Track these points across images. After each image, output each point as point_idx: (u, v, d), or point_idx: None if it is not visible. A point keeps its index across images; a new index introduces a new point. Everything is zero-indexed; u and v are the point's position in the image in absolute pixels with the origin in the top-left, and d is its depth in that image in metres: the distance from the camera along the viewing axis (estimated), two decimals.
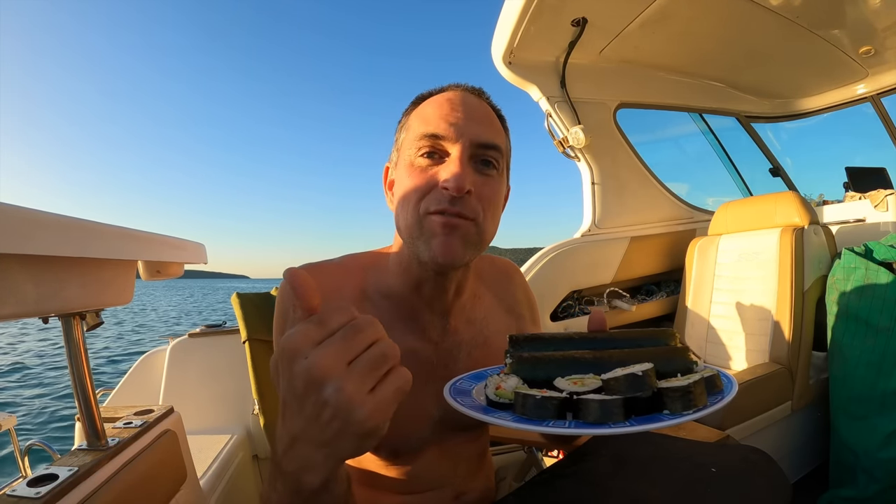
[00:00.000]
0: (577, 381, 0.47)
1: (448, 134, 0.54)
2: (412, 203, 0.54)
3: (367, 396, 0.32)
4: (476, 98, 0.59)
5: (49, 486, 0.50)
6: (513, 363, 0.51)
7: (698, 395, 0.41)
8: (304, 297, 0.35)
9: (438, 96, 0.59)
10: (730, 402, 0.42)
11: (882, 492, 1.32)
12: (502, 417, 0.43)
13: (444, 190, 0.52)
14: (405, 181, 0.56)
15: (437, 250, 0.53)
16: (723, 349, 1.73)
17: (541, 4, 1.55)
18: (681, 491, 0.57)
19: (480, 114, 0.57)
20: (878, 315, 1.36)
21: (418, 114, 0.58)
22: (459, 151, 0.53)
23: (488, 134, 0.56)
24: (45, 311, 0.49)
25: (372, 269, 0.64)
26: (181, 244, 0.72)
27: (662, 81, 2.22)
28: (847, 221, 2.18)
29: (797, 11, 1.75)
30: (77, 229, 0.46)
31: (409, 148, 0.57)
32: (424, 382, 0.61)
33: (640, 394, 0.42)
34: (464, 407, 0.46)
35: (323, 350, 0.32)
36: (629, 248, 2.02)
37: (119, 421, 0.71)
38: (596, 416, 0.41)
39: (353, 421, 0.31)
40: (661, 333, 0.55)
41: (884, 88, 2.37)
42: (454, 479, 0.69)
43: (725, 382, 0.47)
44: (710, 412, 0.41)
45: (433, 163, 0.55)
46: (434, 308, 0.63)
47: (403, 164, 0.58)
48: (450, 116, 0.55)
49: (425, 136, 0.55)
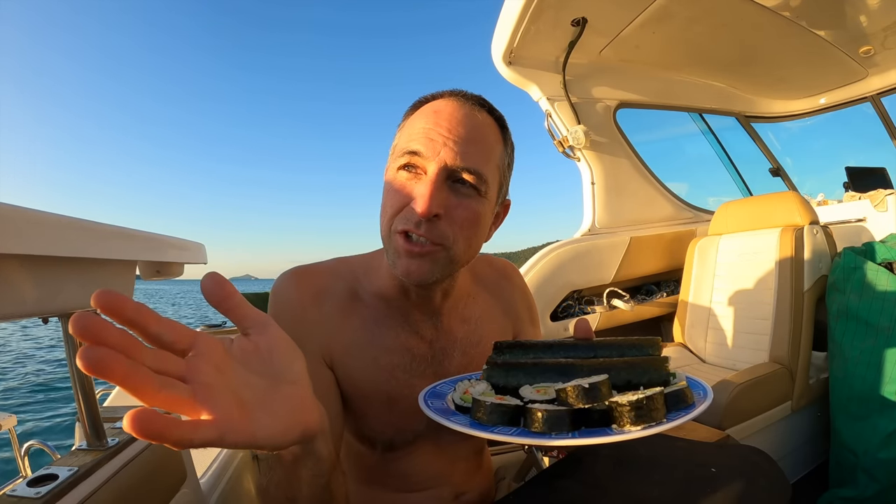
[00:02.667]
0: (541, 391, 0.47)
1: (426, 151, 0.52)
2: (386, 217, 0.55)
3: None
4: (468, 110, 0.55)
5: (49, 487, 0.50)
6: (486, 369, 0.53)
7: (652, 409, 0.40)
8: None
9: (430, 105, 0.57)
10: (720, 402, 0.42)
11: (882, 492, 1.32)
12: (459, 421, 0.44)
13: (411, 210, 0.52)
14: (385, 192, 0.56)
15: (401, 270, 0.54)
16: (722, 349, 1.73)
17: (541, 4, 1.55)
18: (681, 491, 0.57)
19: (467, 131, 0.53)
20: (878, 315, 1.36)
21: (411, 122, 0.57)
22: (434, 172, 0.52)
23: (469, 156, 0.53)
24: (45, 311, 0.49)
25: (363, 271, 0.66)
26: (181, 244, 0.72)
27: (662, 81, 2.22)
28: (847, 221, 2.18)
29: (797, 11, 1.75)
30: (77, 229, 0.46)
31: (393, 157, 0.56)
32: (419, 378, 0.63)
33: (590, 405, 0.41)
34: (429, 410, 0.48)
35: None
36: (629, 247, 2.01)
37: (119, 421, 0.71)
38: (539, 426, 0.41)
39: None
40: (645, 342, 0.55)
41: (884, 88, 2.37)
42: (452, 478, 0.69)
43: (700, 396, 0.45)
44: (665, 429, 0.39)
45: (411, 178, 0.54)
46: (423, 309, 0.64)
47: (387, 173, 0.57)
48: (431, 132, 0.53)
49: (406, 151, 0.54)
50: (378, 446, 0.65)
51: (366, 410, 0.62)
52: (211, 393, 0.28)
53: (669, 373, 0.49)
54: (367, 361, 0.61)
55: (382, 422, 0.63)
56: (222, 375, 0.30)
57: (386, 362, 0.62)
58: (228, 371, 0.31)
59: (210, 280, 0.33)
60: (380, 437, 0.64)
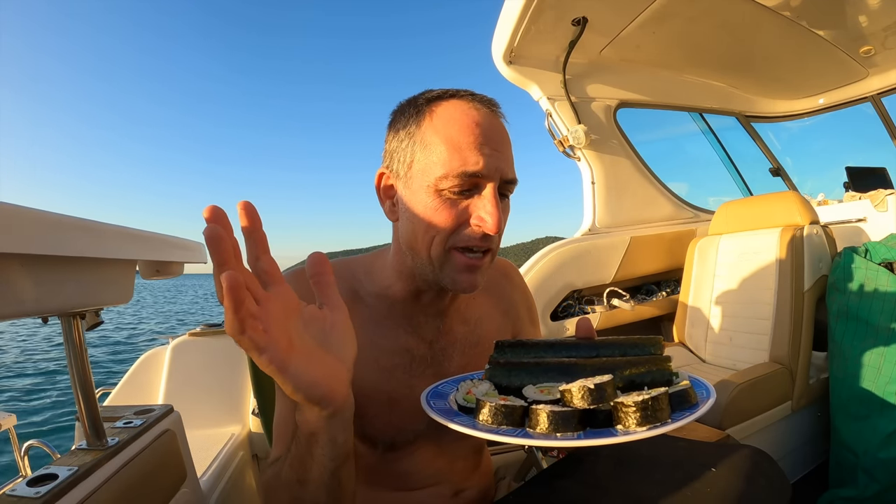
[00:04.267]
0: (545, 390, 0.47)
1: (486, 172, 0.53)
2: (440, 237, 0.54)
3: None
4: (497, 118, 0.57)
5: (49, 486, 0.50)
6: (489, 369, 0.52)
7: (658, 410, 0.40)
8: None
9: (461, 115, 0.54)
10: (720, 402, 0.41)
11: (882, 492, 1.32)
12: (462, 422, 0.44)
13: (478, 227, 0.53)
14: (429, 210, 0.54)
15: (462, 285, 0.56)
16: (723, 349, 1.73)
17: (541, 4, 1.55)
18: (681, 491, 0.57)
19: (507, 142, 0.56)
20: (878, 315, 1.36)
21: (441, 132, 0.54)
22: (493, 190, 0.53)
23: (513, 168, 0.56)
24: (45, 310, 0.49)
25: (363, 272, 0.66)
26: (181, 243, 0.72)
27: (663, 81, 2.22)
28: (847, 221, 2.18)
29: (797, 11, 1.75)
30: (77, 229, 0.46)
31: (433, 172, 0.53)
32: (419, 378, 0.63)
33: (595, 406, 0.41)
34: (432, 410, 0.48)
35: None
36: (629, 247, 2.01)
37: (119, 420, 0.71)
38: (545, 427, 0.41)
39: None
40: (648, 341, 0.55)
41: (884, 88, 2.37)
42: (451, 476, 0.70)
43: (703, 396, 0.45)
44: (670, 429, 0.39)
45: (463, 195, 0.54)
46: (429, 311, 0.64)
47: (423, 187, 0.54)
48: (484, 148, 0.53)
49: (467, 173, 0.52)
50: (379, 446, 0.65)
51: (367, 411, 0.63)
52: (270, 319, 0.34)
53: (672, 372, 0.49)
54: (368, 362, 0.61)
55: (383, 422, 0.63)
56: (285, 317, 0.36)
57: (386, 363, 0.62)
58: (292, 318, 0.38)
59: (314, 259, 0.43)
60: (381, 437, 0.64)
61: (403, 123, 0.58)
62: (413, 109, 0.57)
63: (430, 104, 0.56)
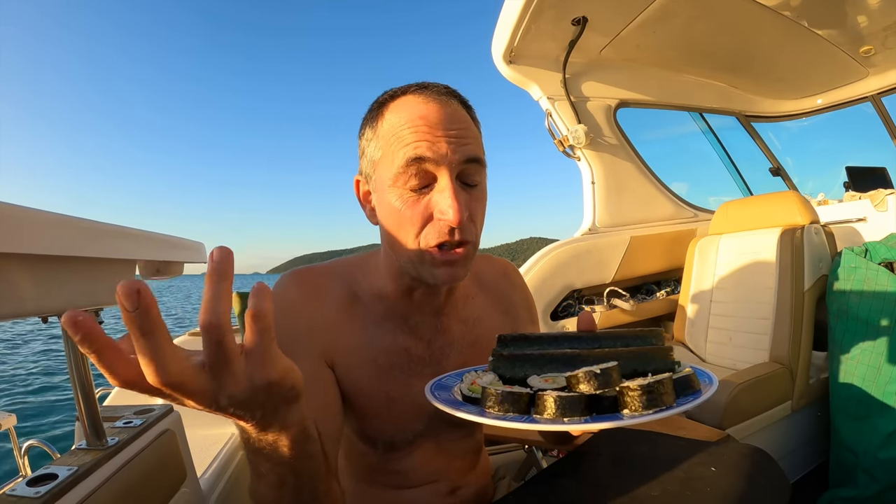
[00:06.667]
0: (549, 380, 0.47)
1: (431, 156, 0.51)
2: (411, 236, 0.54)
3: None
4: (447, 103, 0.54)
5: (48, 486, 0.50)
6: (492, 361, 0.52)
7: (662, 394, 0.40)
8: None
9: (407, 107, 0.54)
10: (720, 402, 0.41)
11: (882, 492, 1.32)
12: (469, 411, 0.44)
13: (440, 221, 0.52)
14: (395, 209, 0.54)
15: (443, 278, 0.55)
16: (723, 348, 1.73)
17: (541, 3, 1.55)
18: (681, 491, 0.57)
19: (457, 124, 0.53)
20: (878, 315, 1.36)
21: (390, 128, 0.54)
22: (448, 177, 0.52)
23: (470, 147, 0.53)
24: (44, 310, 0.49)
25: (361, 272, 0.66)
26: (180, 243, 0.72)
27: (663, 80, 2.21)
28: (847, 221, 2.18)
29: (797, 11, 1.75)
30: (77, 228, 0.46)
31: (390, 170, 0.54)
32: (418, 378, 0.63)
33: (600, 392, 0.41)
34: (437, 400, 0.47)
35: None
36: (629, 247, 2.01)
37: (119, 420, 0.71)
38: (552, 412, 0.41)
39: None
40: (650, 332, 0.55)
41: (884, 88, 2.37)
42: (449, 474, 0.70)
43: (706, 383, 0.46)
44: (676, 412, 0.39)
45: (422, 185, 0.53)
46: (425, 310, 0.64)
47: (386, 187, 0.54)
48: (428, 135, 0.51)
49: (410, 160, 0.51)
50: (379, 446, 0.66)
51: (366, 410, 0.63)
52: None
53: (675, 361, 0.49)
54: (367, 362, 0.61)
55: (383, 421, 0.63)
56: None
57: (384, 362, 0.62)
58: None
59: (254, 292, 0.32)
60: (381, 436, 0.65)
61: (365, 128, 0.59)
62: (371, 113, 0.58)
63: (382, 105, 0.57)
